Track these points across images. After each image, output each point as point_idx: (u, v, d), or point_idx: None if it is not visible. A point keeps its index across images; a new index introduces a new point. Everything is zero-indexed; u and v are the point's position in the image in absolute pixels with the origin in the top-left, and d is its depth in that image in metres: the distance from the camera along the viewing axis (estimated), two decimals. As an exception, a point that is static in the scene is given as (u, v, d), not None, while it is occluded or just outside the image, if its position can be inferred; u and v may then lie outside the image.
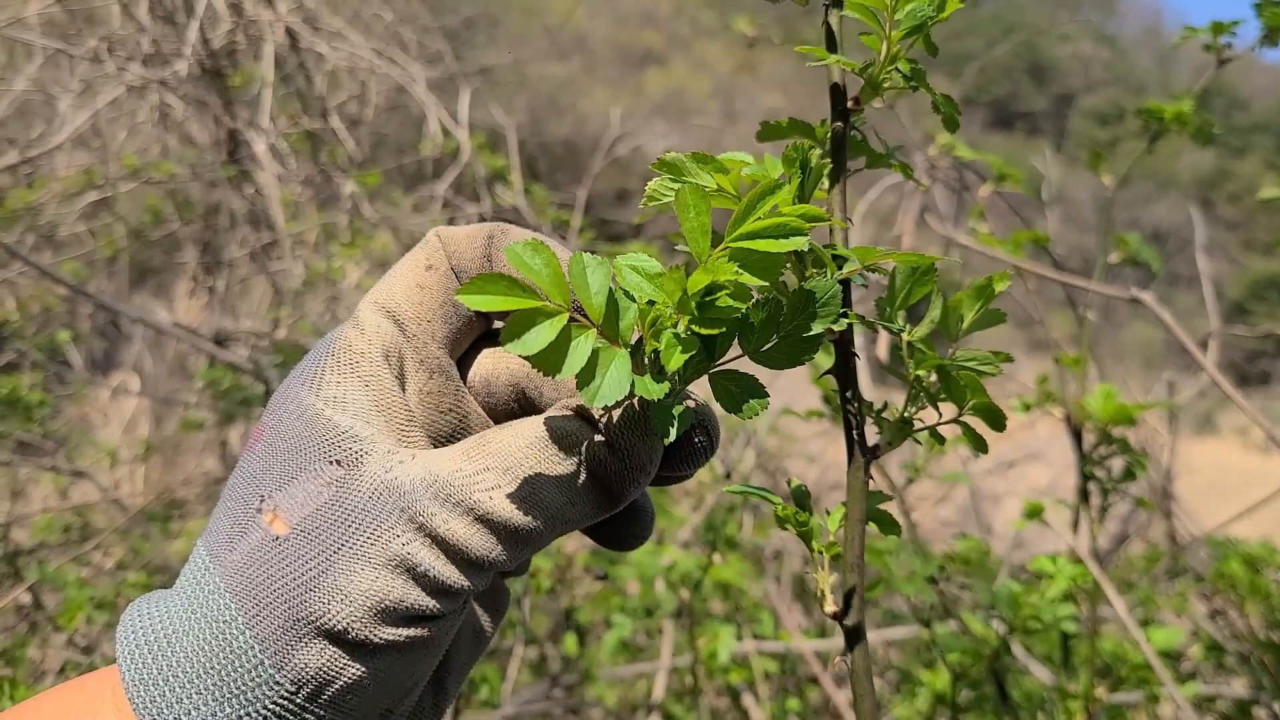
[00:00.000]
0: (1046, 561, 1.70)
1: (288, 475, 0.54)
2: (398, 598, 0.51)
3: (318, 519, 0.52)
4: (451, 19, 10.21)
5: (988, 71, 24.24)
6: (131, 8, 4.01)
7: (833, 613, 0.66)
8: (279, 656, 0.50)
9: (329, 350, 0.57)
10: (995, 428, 0.65)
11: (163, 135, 4.47)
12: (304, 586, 0.51)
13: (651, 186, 0.59)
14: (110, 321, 4.98)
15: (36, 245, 4.88)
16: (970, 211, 1.90)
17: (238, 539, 0.53)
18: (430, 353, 0.58)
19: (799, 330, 0.55)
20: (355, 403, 0.55)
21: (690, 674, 2.25)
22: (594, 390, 0.50)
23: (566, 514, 0.54)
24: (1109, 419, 1.67)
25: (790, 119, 0.71)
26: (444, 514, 0.51)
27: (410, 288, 0.58)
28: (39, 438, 3.56)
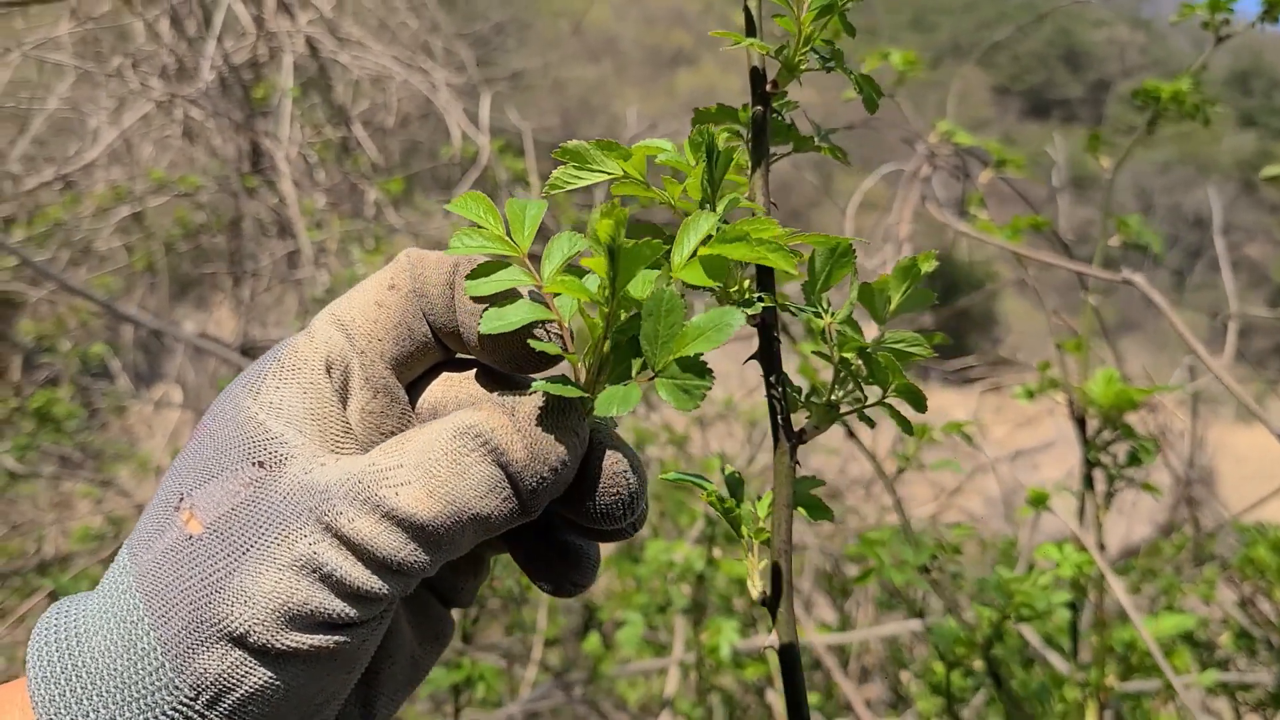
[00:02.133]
0: (1053, 549, 1.68)
1: (209, 473, 0.52)
2: (303, 600, 0.49)
3: (231, 519, 0.50)
4: (482, 25, 10.28)
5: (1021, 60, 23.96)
6: (154, 26, 4.08)
7: (759, 596, 0.66)
8: (180, 660, 0.49)
9: (276, 356, 0.56)
10: (917, 409, 0.64)
11: (188, 149, 4.54)
12: (210, 588, 0.49)
13: (555, 174, 0.60)
14: (153, 334, 5.05)
15: (73, 260, 4.98)
16: (970, 198, 1.89)
17: (155, 537, 0.52)
18: (377, 371, 0.57)
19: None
20: (291, 409, 0.54)
21: (695, 670, 2.25)
22: (494, 313, 0.52)
23: (475, 509, 0.51)
24: (1111, 404, 1.65)
25: (719, 105, 0.71)
26: (351, 512, 0.49)
27: (368, 304, 0.57)
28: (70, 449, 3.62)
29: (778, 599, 0.65)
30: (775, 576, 0.65)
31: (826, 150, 0.71)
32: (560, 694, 2.14)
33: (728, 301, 0.64)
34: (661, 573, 2.15)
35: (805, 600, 2.99)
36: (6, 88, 4.58)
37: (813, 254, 0.64)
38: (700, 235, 0.54)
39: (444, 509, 0.50)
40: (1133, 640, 1.73)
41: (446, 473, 0.51)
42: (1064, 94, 23.91)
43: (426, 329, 0.58)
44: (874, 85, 0.67)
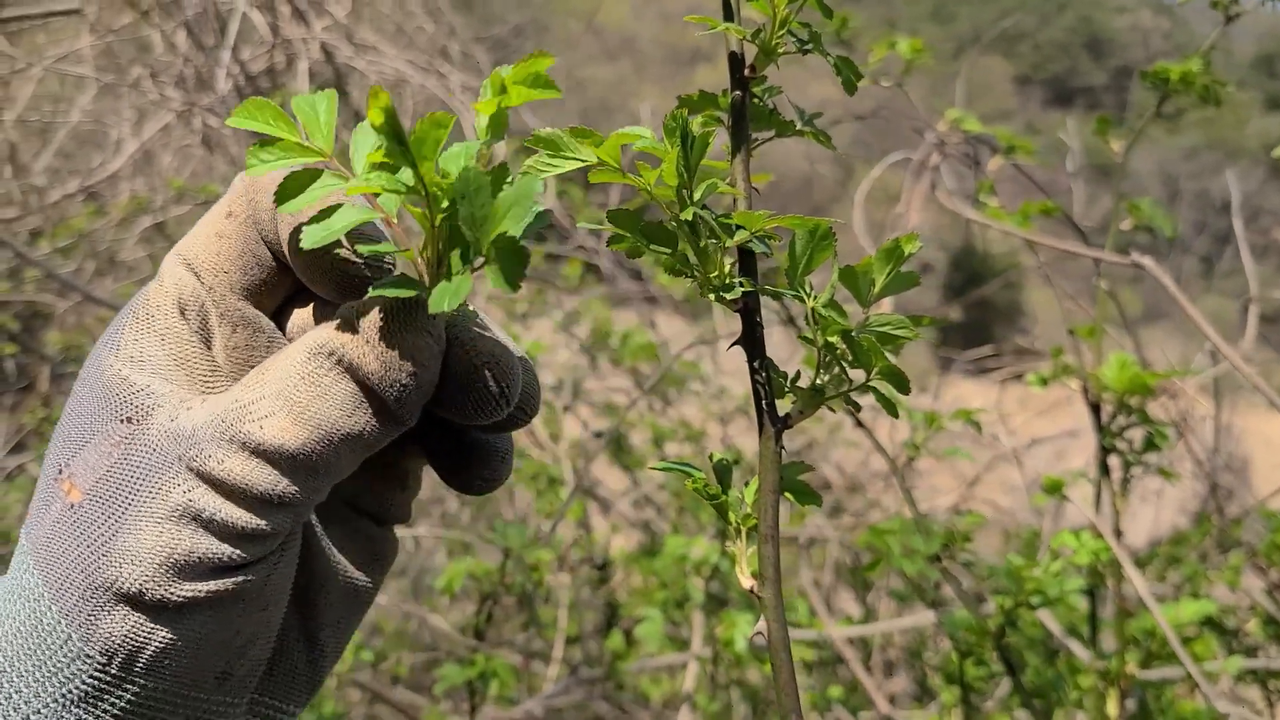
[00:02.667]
0: (1070, 536, 1.66)
1: (83, 439, 0.51)
2: (187, 549, 0.48)
3: (107, 481, 0.50)
4: (500, 27, 10.31)
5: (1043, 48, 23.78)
6: (171, 37, 4.11)
7: (750, 587, 0.66)
8: (84, 629, 0.48)
9: (131, 308, 0.54)
10: (901, 391, 0.64)
11: (208, 157, 4.58)
12: (97, 553, 0.48)
13: (529, 162, 0.59)
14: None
15: (99, 271, 5.03)
16: (980, 185, 1.87)
17: (43, 512, 0.52)
18: (231, 304, 0.54)
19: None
20: (152, 358, 0.52)
21: (712, 664, 2.25)
22: (316, 227, 0.49)
23: (343, 429, 0.49)
24: (1125, 389, 1.63)
25: (701, 91, 0.70)
26: (220, 453, 0.48)
27: (209, 237, 0.55)
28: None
29: (765, 587, 0.65)
30: (762, 564, 0.64)
31: (809, 135, 0.71)
32: (580, 690, 2.14)
33: (708, 288, 0.64)
34: (679, 567, 2.15)
35: (826, 593, 2.98)
36: (30, 101, 4.63)
37: (793, 237, 0.64)
38: (490, 92, 0.52)
39: (311, 434, 0.49)
40: (1153, 628, 1.72)
41: (307, 396, 0.49)
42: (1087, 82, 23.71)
43: (270, 254, 0.55)
44: (852, 67, 0.67)
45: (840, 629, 2.12)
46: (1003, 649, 1.33)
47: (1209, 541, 2.60)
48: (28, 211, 4.53)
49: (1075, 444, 3.56)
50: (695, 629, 2.35)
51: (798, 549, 2.93)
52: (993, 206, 1.82)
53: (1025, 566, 1.33)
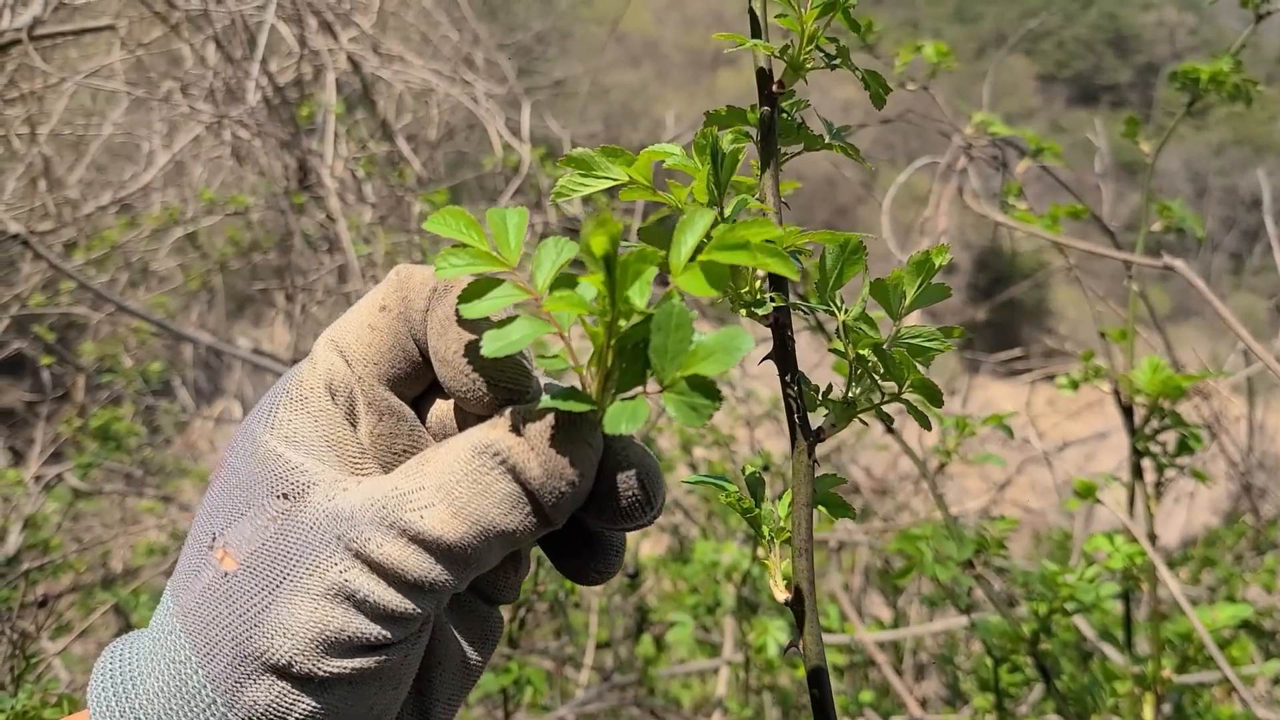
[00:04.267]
0: (1103, 540, 1.65)
1: (238, 511, 0.53)
2: (339, 627, 0.50)
3: (263, 553, 0.51)
4: (523, 35, 10.36)
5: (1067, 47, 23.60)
6: (201, 50, 4.16)
7: (784, 600, 0.66)
8: (230, 695, 0.50)
9: (284, 387, 0.57)
10: (935, 404, 0.64)
11: (238, 169, 4.62)
12: (249, 622, 0.50)
13: (561, 182, 0.60)
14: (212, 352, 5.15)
15: (132, 281, 5.09)
16: (1007, 188, 1.87)
17: (193, 578, 0.53)
18: (378, 394, 0.57)
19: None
20: (306, 438, 0.55)
21: (744, 670, 2.25)
22: (494, 334, 0.51)
23: (499, 526, 0.52)
24: (1158, 391, 1.62)
25: (729, 107, 0.71)
26: (379, 537, 0.50)
27: (361, 327, 0.57)
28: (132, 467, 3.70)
29: (800, 600, 0.65)
30: (799, 576, 0.65)
31: (837, 148, 0.71)
32: (612, 696, 2.15)
33: (740, 303, 0.64)
34: (709, 573, 2.15)
35: (857, 597, 2.98)
36: (63, 115, 4.70)
37: (823, 252, 0.64)
38: (697, 236, 0.53)
39: (469, 529, 0.51)
40: (1188, 632, 1.70)
41: (468, 493, 0.51)
42: (1112, 79, 23.51)
43: (416, 349, 0.58)
44: (880, 81, 0.67)
45: (871, 633, 2.11)
46: (1037, 655, 1.32)
47: (1244, 543, 2.58)
48: (62, 224, 4.59)
49: (1104, 445, 3.54)
50: (727, 634, 2.35)
51: (828, 553, 2.92)
52: (1021, 209, 1.82)
53: (1060, 572, 1.32)
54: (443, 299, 0.56)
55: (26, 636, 1.70)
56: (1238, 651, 1.70)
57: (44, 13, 3.06)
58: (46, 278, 4.38)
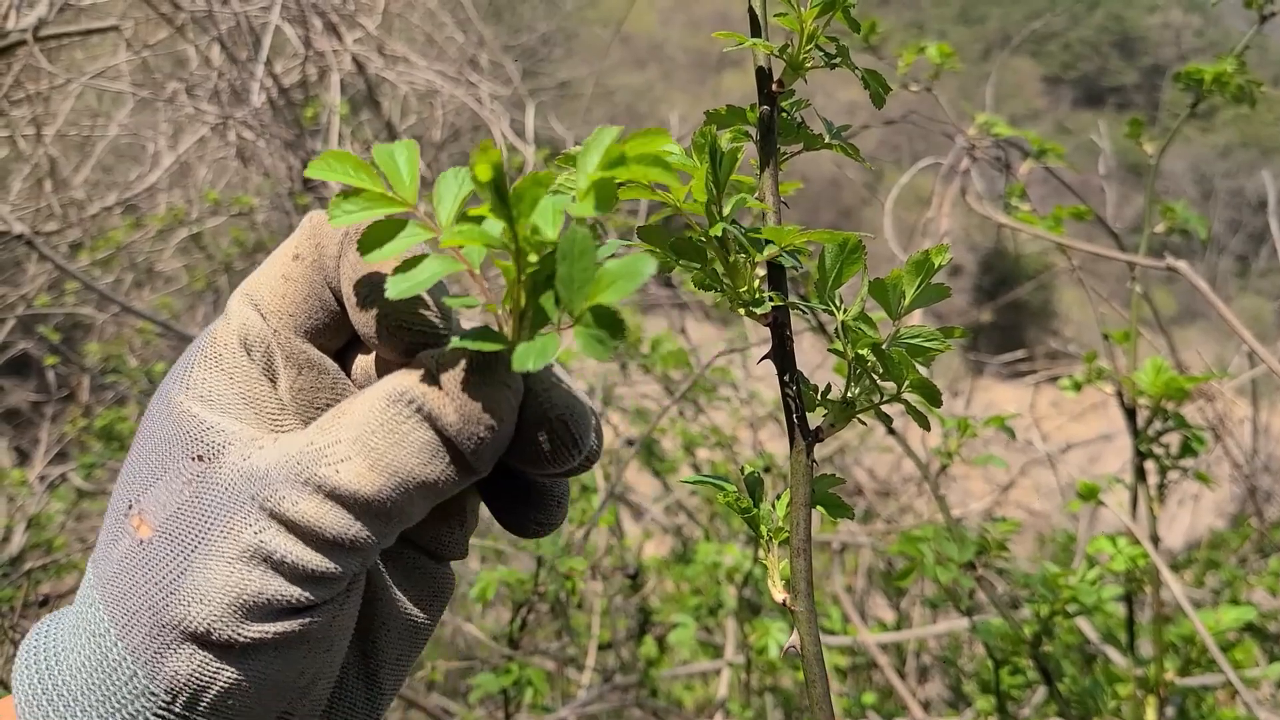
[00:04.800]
0: (1106, 542, 1.65)
1: (154, 476, 0.52)
2: (257, 590, 0.48)
3: (178, 518, 0.50)
4: (529, 36, 10.36)
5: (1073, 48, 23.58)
6: (206, 51, 4.17)
7: (782, 600, 0.66)
8: (150, 666, 0.49)
9: (199, 345, 0.55)
10: (933, 404, 0.64)
11: (243, 170, 4.63)
12: (165, 590, 0.49)
13: (559, 181, 0.60)
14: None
15: (137, 282, 5.11)
16: (1010, 189, 1.86)
17: (110, 547, 0.51)
18: (295, 346, 0.55)
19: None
20: (221, 396, 0.53)
21: (745, 671, 2.24)
22: (400, 277, 0.48)
23: (419, 477, 0.49)
24: (1161, 393, 1.62)
25: (729, 106, 0.71)
26: (293, 495, 0.48)
27: (275, 278, 0.55)
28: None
29: (798, 600, 0.65)
30: (795, 577, 0.65)
31: (837, 148, 0.71)
32: (614, 697, 2.15)
33: (738, 302, 0.64)
34: (711, 574, 2.15)
35: (860, 599, 2.97)
36: (69, 116, 4.71)
37: (822, 252, 0.64)
38: (600, 154, 0.51)
39: (387, 481, 0.49)
40: (1192, 634, 1.70)
41: (384, 443, 0.49)
42: (1118, 81, 23.49)
43: (334, 298, 0.55)
44: (880, 80, 0.67)
45: (873, 635, 2.11)
46: (1039, 657, 1.32)
47: (1248, 545, 2.57)
48: (68, 225, 4.60)
49: (1109, 447, 3.53)
50: (729, 635, 2.35)
51: (831, 555, 2.92)
52: (1024, 211, 1.81)
53: (1061, 574, 1.32)
54: (354, 243, 0.53)
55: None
56: (1241, 654, 1.70)
57: (49, 14, 3.07)
58: (52, 278, 4.39)
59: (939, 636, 2.73)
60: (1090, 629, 1.98)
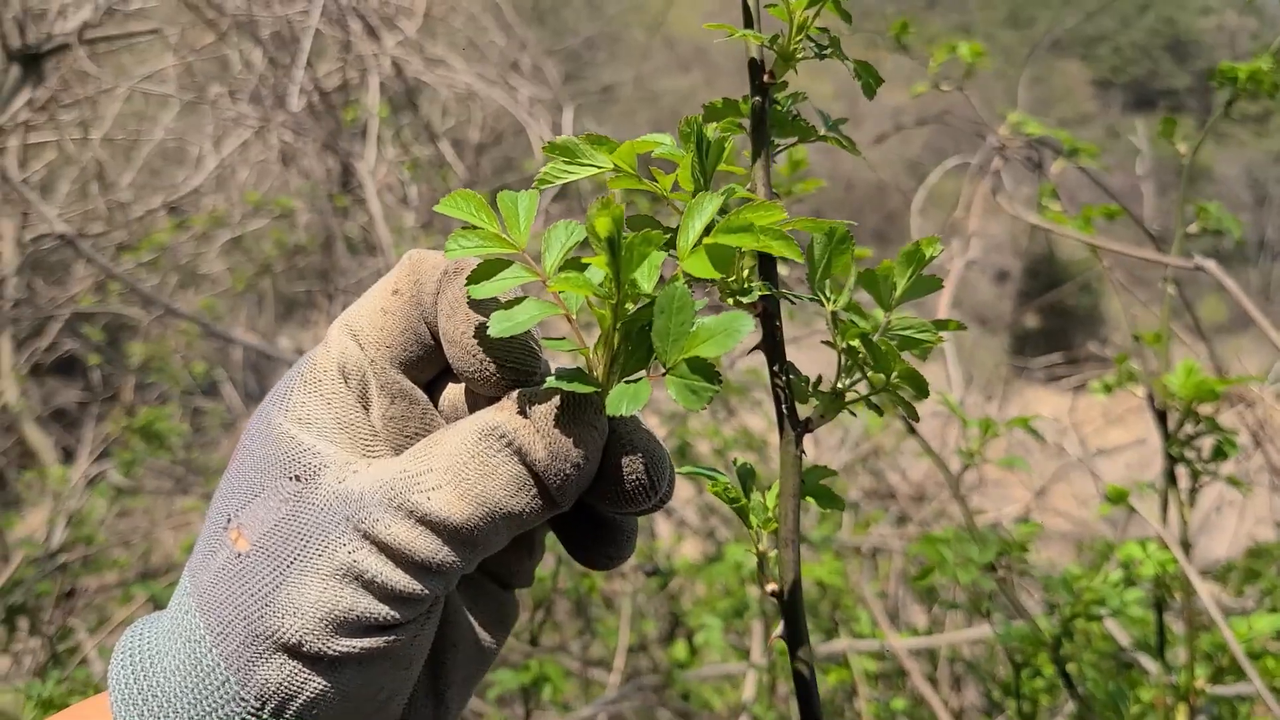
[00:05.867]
0: (1136, 548, 1.62)
1: (253, 492, 0.54)
2: (348, 607, 0.51)
3: (275, 534, 0.53)
4: (572, 40, 10.40)
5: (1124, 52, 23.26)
6: (248, 56, 4.23)
7: (771, 590, 0.65)
8: (242, 673, 0.51)
9: (299, 370, 0.58)
10: (920, 394, 0.63)
11: (285, 172, 4.69)
12: (261, 602, 0.51)
13: (545, 170, 0.60)
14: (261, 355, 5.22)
15: (182, 283, 5.19)
16: (1042, 190, 1.84)
17: (209, 558, 0.54)
18: (390, 377, 0.58)
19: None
20: (319, 420, 0.56)
21: (769, 673, 2.23)
22: (500, 314, 0.52)
23: (506, 508, 0.53)
24: (1192, 396, 1.59)
25: (724, 99, 0.71)
26: (387, 518, 0.51)
27: (374, 311, 0.58)
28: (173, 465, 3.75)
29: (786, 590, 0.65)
30: (784, 568, 0.64)
31: (833, 140, 0.71)
32: (637, 698, 2.14)
33: (727, 291, 0.64)
34: (737, 574, 2.15)
35: (894, 604, 2.95)
36: (116, 120, 4.80)
37: (811, 241, 0.64)
38: (705, 219, 0.54)
39: (475, 510, 0.52)
40: (1223, 642, 1.67)
41: (475, 474, 0.52)
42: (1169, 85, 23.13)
43: (429, 333, 0.58)
44: (872, 72, 0.67)
45: (903, 640, 2.09)
46: (1059, 661, 1.30)
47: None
48: (114, 226, 4.69)
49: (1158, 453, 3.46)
50: (754, 638, 2.34)
51: (861, 559, 2.90)
52: (1054, 210, 1.79)
53: (1082, 577, 1.30)
54: (453, 281, 0.57)
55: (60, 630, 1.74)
56: (1273, 663, 1.66)
57: (95, 17, 3.13)
58: (99, 279, 4.47)
59: (973, 643, 2.70)
60: (1124, 636, 1.95)
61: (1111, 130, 16.52)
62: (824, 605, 2.46)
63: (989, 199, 1.95)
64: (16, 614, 2.50)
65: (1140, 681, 1.44)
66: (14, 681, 1.78)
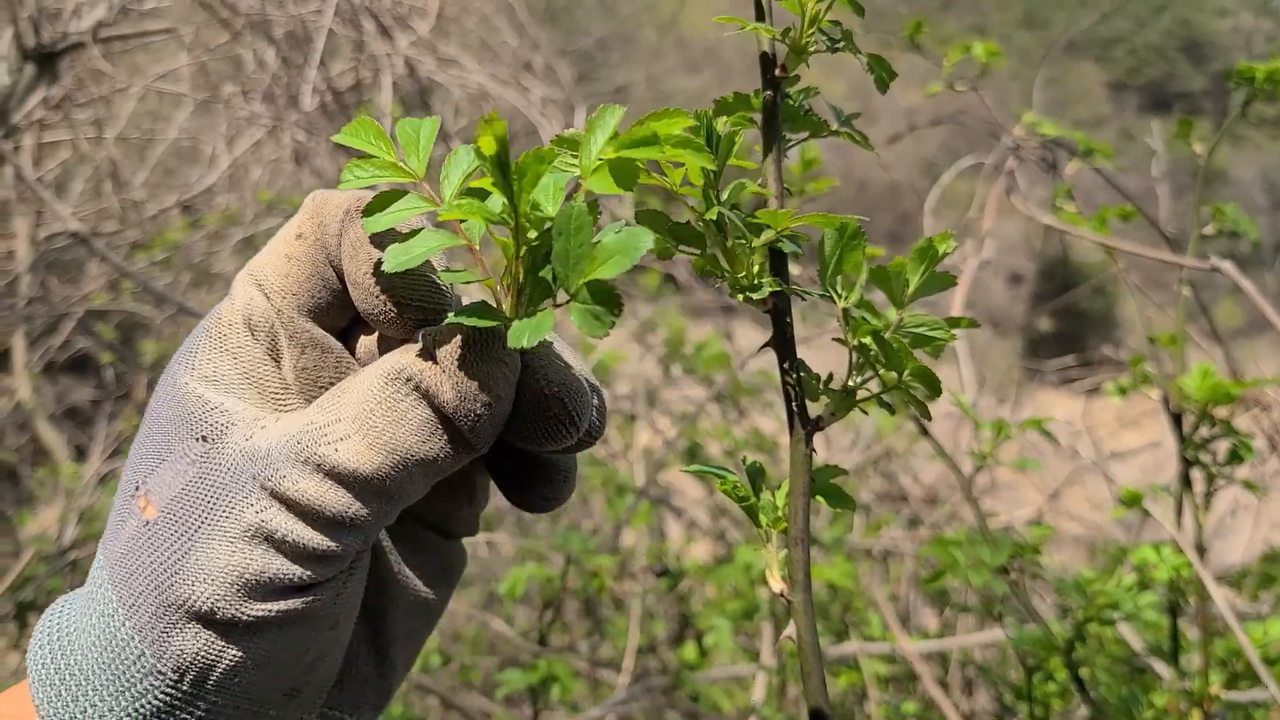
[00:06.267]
0: (1150, 551, 1.61)
1: (159, 457, 0.52)
2: (259, 569, 0.49)
3: (182, 499, 0.50)
4: (584, 40, 10.40)
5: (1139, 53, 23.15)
6: (261, 55, 4.23)
7: (779, 590, 0.65)
8: (157, 645, 0.49)
9: (205, 326, 0.55)
10: (933, 393, 0.62)
11: (297, 172, 4.70)
12: (170, 570, 0.49)
13: (558, 162, 0.59)
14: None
15: (194, 282, 5.20)
16: (1056, 190, 1.83)
17: (119, 528, 0.52)
18: (299, 325, 0.55)
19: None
20: (225, 377, 0.53)
21: (778, 675, 2.22)
22: (397, 248, 0.49)
23: (418, 454, 0.50)
24: (1207, 399, 1.58)
25: (735, 94, 0.70)
26: (294, 474, 0.49)
27: (279, 258, 0.55)
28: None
29: (795, 591, 0.64)
30: (793, 568, 0.63)
31: (844, 135, 0.70)
32: (647, 698, 2.14)
33: (737, 288, 0.63)
34: (747, 575, 2.14)
35: (905, 607, 2.93)
36: (130, 119, 4.81)
37: (822, 237, 0.63)
38: (608, 133, 0.50)
39: (386, 459, 0.49)
40: (1238, 648, 1.65)
41: (383, 422, 0.50)
42: (1185, 87, 23.00)
43: (337, 277, 0.55)
44: (885, 66, 0.66)
45: (914, 643, 2.08)
46: (1072, 665, 1.29)
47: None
48: (127, 225, 4.70)
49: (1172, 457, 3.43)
50: (764, 640, 2.33)
51: (872, 561, 2.89)
52: (1068, 211, 1.78)
53: (1095, 580, 1.29)
54: (355, 220, 0.54)
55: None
56: (1289, 669, 1.64)
57: (110, 16, 3.14)
58: (113, 277, 4.49)
59: (985, 647, 2.68)
60: (1136, 640, 1.94)
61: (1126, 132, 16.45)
62: (835, 608, 2.45)
63: (1003, 200, 1.94)
64: (27, 610, 2.51)
65: (1154, 687, 1.43)
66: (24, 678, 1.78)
